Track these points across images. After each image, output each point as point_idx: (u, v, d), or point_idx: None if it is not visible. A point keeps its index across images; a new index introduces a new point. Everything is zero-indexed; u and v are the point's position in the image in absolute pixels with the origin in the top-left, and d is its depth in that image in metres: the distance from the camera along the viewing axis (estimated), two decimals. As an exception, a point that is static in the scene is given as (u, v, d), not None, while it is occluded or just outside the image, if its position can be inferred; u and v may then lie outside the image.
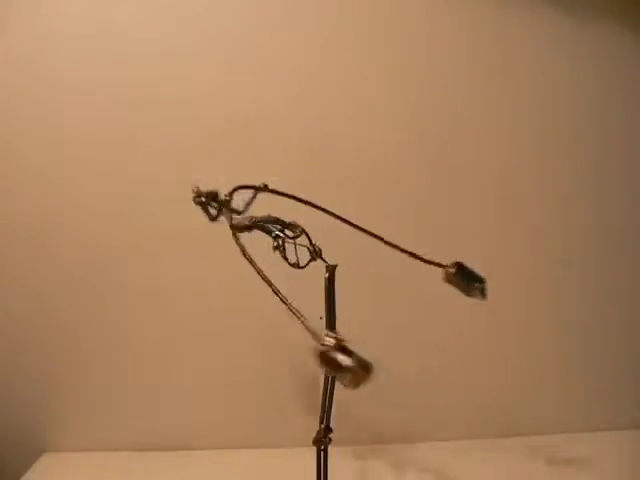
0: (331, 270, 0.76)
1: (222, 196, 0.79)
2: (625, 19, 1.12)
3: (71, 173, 1.12)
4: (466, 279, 0.80)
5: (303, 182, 1.15)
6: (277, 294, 0.63)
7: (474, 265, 1.18)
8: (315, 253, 0.73)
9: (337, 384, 0.77)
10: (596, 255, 1.19)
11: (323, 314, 0.77)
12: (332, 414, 0.77)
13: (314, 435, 0.77)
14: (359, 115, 1.13)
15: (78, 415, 1.17)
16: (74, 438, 1.17)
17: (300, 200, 0.80)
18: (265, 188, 0.81)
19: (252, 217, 0.75)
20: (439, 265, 0.80)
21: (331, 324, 0.77)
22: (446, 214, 1.16)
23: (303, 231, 0.72)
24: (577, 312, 1.19)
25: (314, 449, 0.77)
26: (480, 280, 0.80)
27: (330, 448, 0.77)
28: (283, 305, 0.62)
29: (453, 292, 1.18)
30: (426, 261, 0.80)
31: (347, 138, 1.13)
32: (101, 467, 1.11)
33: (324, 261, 0.74)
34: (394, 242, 0.80)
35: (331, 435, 0.77)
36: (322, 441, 0.77)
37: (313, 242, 0.74)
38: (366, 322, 1.12)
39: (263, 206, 0.79)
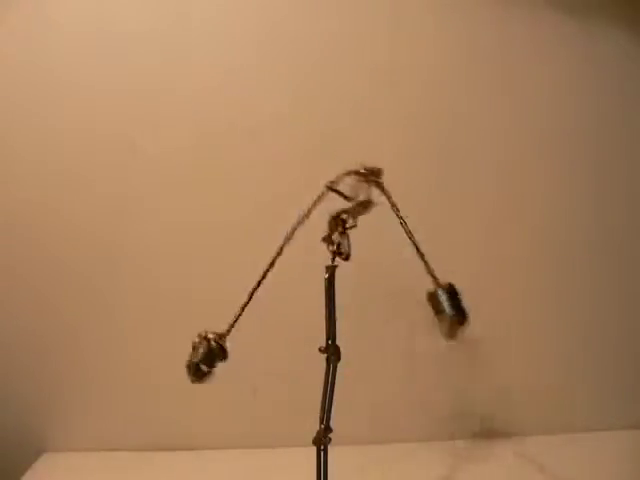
0: (331, 271, 0.76)
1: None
2: (625, 20, 1.12)
3: (71, 172, 1.12)
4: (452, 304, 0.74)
5: (303, 182, 1.16)
6: None
7: (473, 264, 1.19)
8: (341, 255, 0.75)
9: (337, 385, 0.77)
10: (596, 255, 1.19)
11: (323, 315, 0.77)
12: (332, 414, 0.77)
13: (314, 435, 0.77)
14: (360, 116, 1.13)
15: (78, 415, 1.17)
16: (74, 438, 1.17)
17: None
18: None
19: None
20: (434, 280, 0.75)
21: (331, 325, 0.77)
22: (446, 214, 1.16)
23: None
24: (577, 312, 1.19)
25: (314, 449, 0.77)
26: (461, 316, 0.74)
27: (330, 448, 0.77)
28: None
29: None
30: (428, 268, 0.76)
31: (347, 138, 1.13)
32: (101, 467, 1.11)
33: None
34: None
35: (331, 435, 0.77)
36: (322, 441, 0.77)
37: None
38: (366, 322, 1.12)
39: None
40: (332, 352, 0.77)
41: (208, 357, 0.77)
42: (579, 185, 1.17)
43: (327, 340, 0.78)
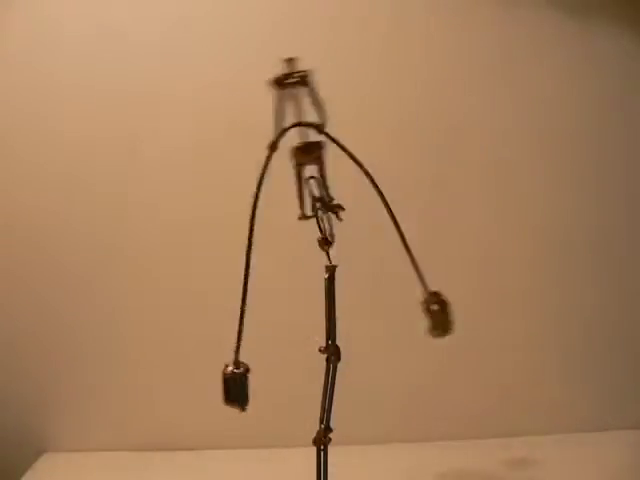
0: (331, 270, 0.76)
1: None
2: (626, 20, 1.12)
3: (70, 173, 1.12)
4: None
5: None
6: None
7: (473, 263, 1.18)
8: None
9: (337, 385, 0.77)
10: (597, 255, 1.18)
11: (323, 315, 0.77)
12: (332, 414, 0.77)
13: (314, 435, 0.77)
14: (359, 116, 1.13)
15: (78, 415, 1.17)
16: (74, 438, 1.17)
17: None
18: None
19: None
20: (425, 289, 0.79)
21: (331, 325, 0.77)
22: (446, 214, 1.16)
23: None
24: (577, 311, 1.19)
25: (314, 449, 0.77)
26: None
27: (330, 448, 0.77)
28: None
29: (453, 292, 1.19)
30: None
31: (347, 138, 1.13)
32: (101, 467, 1.11)
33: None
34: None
35: (331, 435, 0.77)
36: (322, 441, 0.77)
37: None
38: (366, 323, 1.12)
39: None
40: (332, 352, 0.77)
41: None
42: (580, 185, 1.17)
43: (327, 340, 0.78)
